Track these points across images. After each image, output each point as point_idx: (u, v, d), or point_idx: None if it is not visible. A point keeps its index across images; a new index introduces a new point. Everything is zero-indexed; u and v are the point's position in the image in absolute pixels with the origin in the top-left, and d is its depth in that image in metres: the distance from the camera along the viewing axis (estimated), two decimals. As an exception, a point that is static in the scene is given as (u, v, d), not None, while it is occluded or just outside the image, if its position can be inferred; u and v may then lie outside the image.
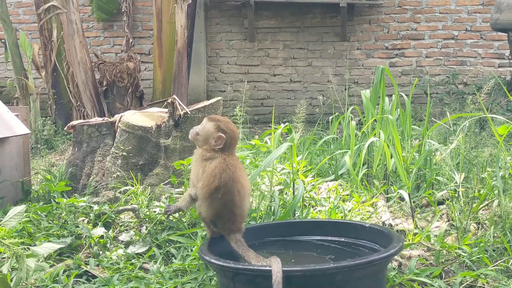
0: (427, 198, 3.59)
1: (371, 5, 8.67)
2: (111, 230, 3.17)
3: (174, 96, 3.91)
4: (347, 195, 3.67)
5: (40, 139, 6.82)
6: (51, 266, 2.78)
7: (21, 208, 2.45)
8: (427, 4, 8.68)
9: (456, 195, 3.37)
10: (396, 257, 2.72)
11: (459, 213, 3.18)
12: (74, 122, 4.08)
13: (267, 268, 2.04)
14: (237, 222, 2.41)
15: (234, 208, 2.39)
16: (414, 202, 3.57)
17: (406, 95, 4.24)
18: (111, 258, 2.87)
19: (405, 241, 2.92)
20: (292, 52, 8.94)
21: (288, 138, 4.24)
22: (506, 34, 7.22)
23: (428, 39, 8.71)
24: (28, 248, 2.42)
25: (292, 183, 3.48)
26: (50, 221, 3.22)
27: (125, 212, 3.35)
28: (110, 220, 3.28)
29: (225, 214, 2.39)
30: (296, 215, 3.22)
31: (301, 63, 8.94)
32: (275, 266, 2.03)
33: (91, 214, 3.27)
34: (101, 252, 2.96)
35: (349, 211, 3.32)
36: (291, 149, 3.54)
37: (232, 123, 2.52)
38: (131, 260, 2.85)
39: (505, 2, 6.88)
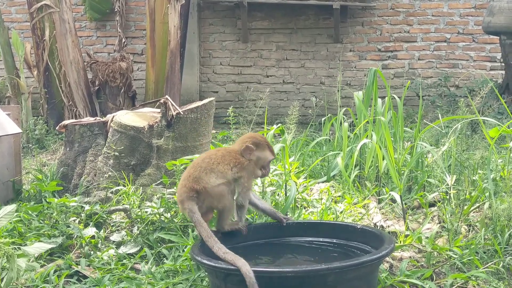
0: (418, 200, 3.60)
1: (364, 7, 8.69)
2: (102, 230, 3.16)
3: (166, 96, 3.90)
4: (339, 196, 3.68)
5: (31, 138, 6.79)
6: (41, 266, 2.76)
7: (11, 207, 2.44)
8: (419, 6, 8.71)
9: (448, 197, 3.38)
10: (387, 258, 2.72)
11: (450, 215, 3.19)
12: (66, 122, 4.07)
13: (259, 269, 2.04)
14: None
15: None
16: (405, 204, 3.58)
17: (398, 97, 4.25)
18: (102, 258, 2.86)
19: (397, 242, 2.93)
20: (285, 53, 8.94)
21: (280, 139, 4.25)
22: (498, 37, 7.26)
23: (420, 41, 8.74)
24: (19, 248, 2.41)
25: (284, 184, 3.48)
26: (41, 221, 3.21)
27: (117, 212, 3.34)
28: (102, 220, 3.27)
29: None
30: (288, 216, 3.21)
31: (294, 65, 8.95)
32: (244, 267, 2.05)
33: (82, 214, 3.26)
34: (92, 252, 2.95)
35: (341, 212, 3.33)
36: (283, 150, 3.54)
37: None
38: (122, 261, 2.84)
39: (497, 5, 6.92)
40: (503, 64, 7.64)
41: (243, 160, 2.50)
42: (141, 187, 3.58)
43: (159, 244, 2.97)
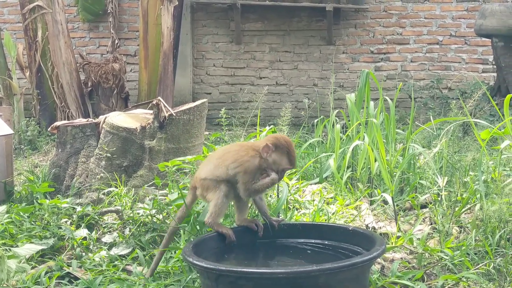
0: (410, 202, 3.61)
1: (357, 9, 8.71)
2: (94, 232, 3.16)
3: (159, 97, 3.90)
4: (331, 198, 3.69)
5: (23, 139, 6.76)
6: (32, 268, 2.75)
7: (2, 208, 2.43)
8: (412, 9, 8.74)
9: (439, 198, 3.40)
10: (379, 259, 2.73)
11: (442, 217, 3.20)
12: (58, 123, 4.06)
13: (250, 270, 2.04)
14: None
15: None
16: (397, 205, 3.59)
17: (390, 99, 4.26)
18: (94, 259, 2.86)
19: (388, 244, 2.94)
20: (278, 55, 8.95)
21: (273, 140, 4.24)
22: (490, 40, 7.30)
23: (413, 44, 8.77)
24: (10, 249, 2.40)
25: (276, 186, 3.48)
26: (32, 222, 3.20)
27: (109, 213, 3.34)
28: (94, 222, 3.27)
29: None
30: (280, 217, 3.21)
31: (287, 66, 8.96)
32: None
33: (74, 216, 3.25)
34: (84, 253, 2.94)
35: (333, 214, 3.33)
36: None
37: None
38: (114, 262, 2.84)
39: (489, 8, 6.96)
40: (495, 66, 7.68)
41: (246, 157, 2.44)
42: (133, 189, 3.57)
43: (151, 246, 2.96)
